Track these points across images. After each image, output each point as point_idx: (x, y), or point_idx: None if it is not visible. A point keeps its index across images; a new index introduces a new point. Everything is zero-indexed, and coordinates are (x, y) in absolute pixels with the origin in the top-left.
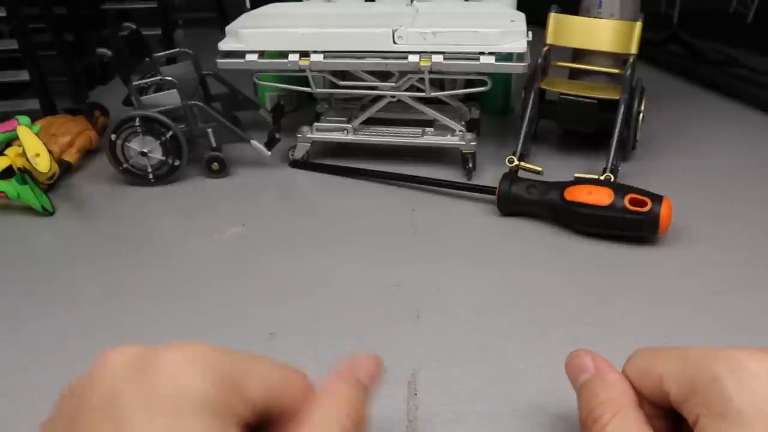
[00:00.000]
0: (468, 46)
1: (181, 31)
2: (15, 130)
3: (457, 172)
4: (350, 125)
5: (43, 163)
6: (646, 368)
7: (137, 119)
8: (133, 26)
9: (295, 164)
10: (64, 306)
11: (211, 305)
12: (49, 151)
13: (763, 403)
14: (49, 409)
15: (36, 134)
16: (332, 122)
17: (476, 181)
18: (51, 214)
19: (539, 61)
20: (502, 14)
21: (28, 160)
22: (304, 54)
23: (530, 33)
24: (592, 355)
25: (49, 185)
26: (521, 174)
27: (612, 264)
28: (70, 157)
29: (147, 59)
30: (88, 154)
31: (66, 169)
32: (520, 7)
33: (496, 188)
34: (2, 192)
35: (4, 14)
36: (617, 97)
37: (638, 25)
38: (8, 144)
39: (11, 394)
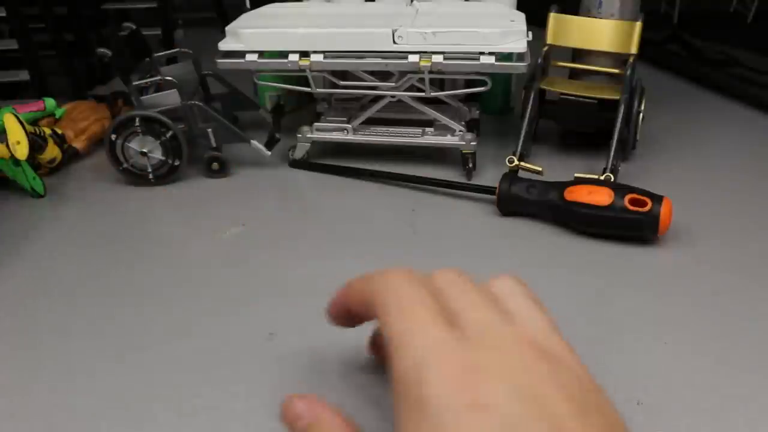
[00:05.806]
0: (468, 46)
1: (181, 31)
2: (43, 110)
3: (457, 172)
4: (350, 125)
5: (22, 151)
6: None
7: (137, 119)
8: (133, 26)
9: (295, 164)
10: (61, 305)
11: (211, 305)
12: (62, 135)
13: None
14: (46, 410)
15: (40, 119)
16: (332, 122)
17: (476, 181)
18: (41, 196)
19: (539, 61)
20: (502, 14)
21: (8, 146)
22: (304, 54)
23: (530, 33)
24: (307, 400)
25: (51, 169)
26: (521, 174)
27: (612, 264)
28: (79, 144)
29: (147, 59)
30: (101, 142)
31: (73, 155)
32: (520, 7)
33: (496, 188)
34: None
35: (4, 14)
36: (617, 97)
37: (638, 25)
38: (35, 123)
39: (7, 394)
